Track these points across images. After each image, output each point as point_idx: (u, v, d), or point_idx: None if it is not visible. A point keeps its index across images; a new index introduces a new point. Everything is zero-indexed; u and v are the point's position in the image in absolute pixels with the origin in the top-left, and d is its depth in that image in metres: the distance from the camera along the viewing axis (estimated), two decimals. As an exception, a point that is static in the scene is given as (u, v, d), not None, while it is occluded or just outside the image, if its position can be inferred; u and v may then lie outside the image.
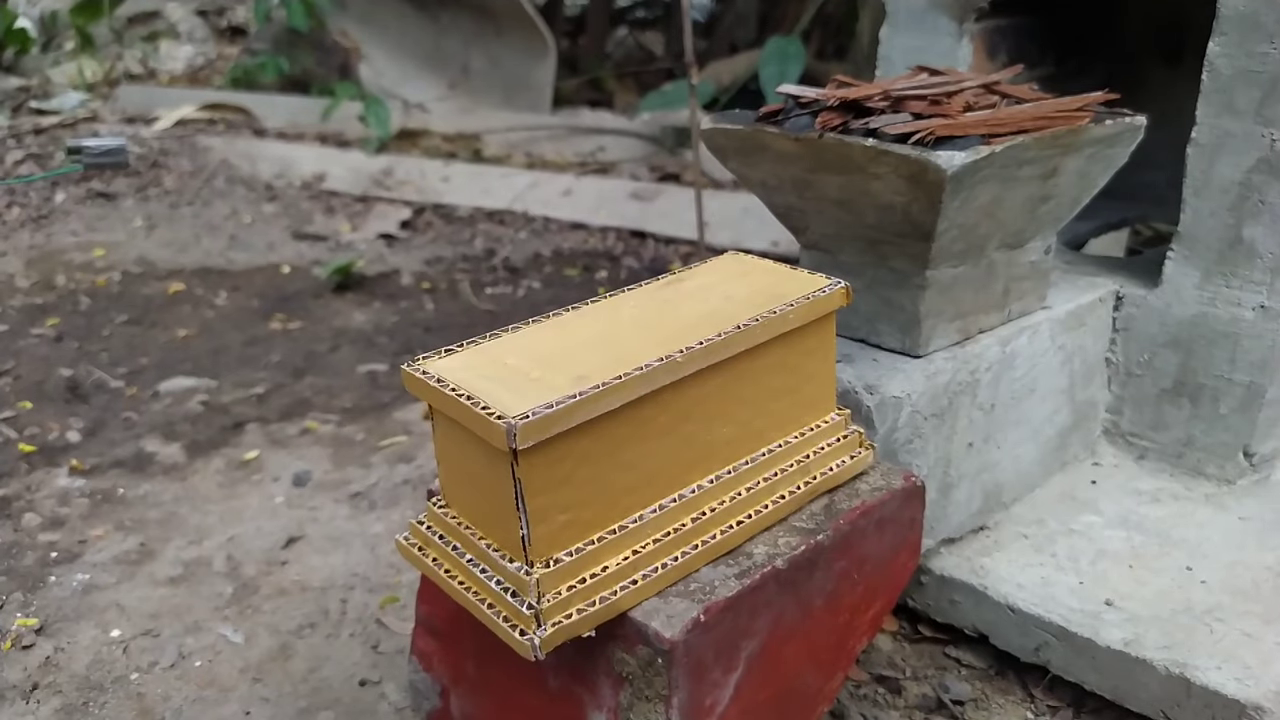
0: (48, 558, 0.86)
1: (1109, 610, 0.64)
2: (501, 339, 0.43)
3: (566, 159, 2.32)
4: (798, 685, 0.48)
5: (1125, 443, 0.82)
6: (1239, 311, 0.74)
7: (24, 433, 1.08)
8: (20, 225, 1.85)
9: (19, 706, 0.68)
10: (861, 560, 0.49)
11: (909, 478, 0.51)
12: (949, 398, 0.64)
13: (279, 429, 1.10)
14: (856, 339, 0.67)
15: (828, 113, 0.60)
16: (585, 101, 2.80)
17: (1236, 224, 0.72)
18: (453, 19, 2.82)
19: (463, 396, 0.36)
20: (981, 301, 0.67)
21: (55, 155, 2.21)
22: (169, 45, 3.11)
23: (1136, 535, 0.72)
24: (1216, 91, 0.71)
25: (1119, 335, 0.80)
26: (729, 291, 0.47)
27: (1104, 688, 0.62)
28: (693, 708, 0.41)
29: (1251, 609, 0.63)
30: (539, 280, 1.66)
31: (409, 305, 1.53)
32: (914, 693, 0.67)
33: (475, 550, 0.40)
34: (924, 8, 0.87)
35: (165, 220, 1.92)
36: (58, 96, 2.70)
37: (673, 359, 0.40)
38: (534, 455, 0.36)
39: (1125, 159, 0.67)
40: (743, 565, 0.43)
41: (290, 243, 1.83)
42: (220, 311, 1.49)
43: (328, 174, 2.17)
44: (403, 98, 2.72)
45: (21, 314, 1.45)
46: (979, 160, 0.55)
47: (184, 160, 2.19)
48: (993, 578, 0.67)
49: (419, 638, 0.53)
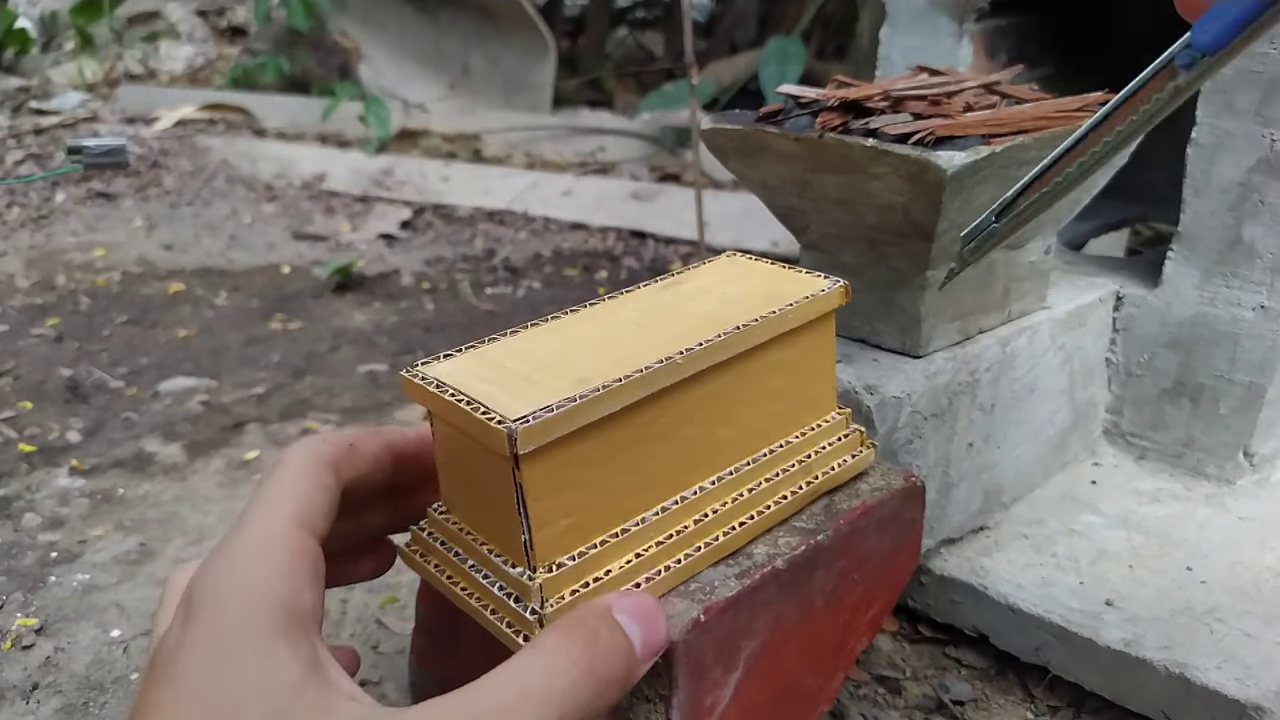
0: (48, 558, 0.86)
1: (1109, 610, 0.64)
2: (500, 342, 0.43)
3: (566, 159, 2.32)
4: (798, 685, 0.48)
5: (1125, 443, 0.82)
6: (1239, 311, 0.74)
7: (24, 433, 1.08)
8: (20, 225, 1.85)
9: (19, 706, 0.68)
10: (862, 560, 0.49)
11: (909, 478, 0.51)
12: (949, 398, 0.64)
13: (279, 429, 1.10)
14: (856, 339, 0.67)
15: (828, 113, 0.60)
16: (585, 101, 2.80)
17: (1236, 224, 0.72)
18: (453, 19, 2.82)
19: (461, 401, 0.36)
20: (981, 302, 0.67)
21: (55, 155, 2.21)
22: (169, 45, 3.11)
23: (1136, 535, 0.72)
24: (1216, 91, 0.71)
25: (1119, 335, 0.80)
26: (729, 292, 0.47)
27: (1104, 688, 0.62)
28: (693, 708, 0.41)
29: (1251, 609, 0.63)
30: (539, 280, 1.65)
31: (409, 305, 1.53)
32: (914, 693, 0.67)
33: (477, 556, 0.40)
34: (924, 8, 0.86)
35: (165, 220, 1.92)
36: (58, 96, 2.70)
37: (673, 361, 0.40)
38: (534, 459, 0.36)
39: (1125, 159, 0.67)
40: (742, 565, 0.43)
41: (290, 243, 1.83)
42: (220, 311, 1.49)
43: (328, 174, 2.17)
44: (403, 98, 2.73)
45: (21, 314, 1.45)
46: (979, 160, 0.55)
47: (184, 160, 2.19)
48: (993, 578, 0.67)
49: (419, 638, 0.53)
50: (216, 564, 0.32)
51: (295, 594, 0.31)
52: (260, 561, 0.32)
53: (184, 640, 0.30)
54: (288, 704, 0.28)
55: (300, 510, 0.35)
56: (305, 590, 0.32)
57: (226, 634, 0.29)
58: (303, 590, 0.32)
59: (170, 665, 0.29)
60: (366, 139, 2.32)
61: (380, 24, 2.86)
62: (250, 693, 0.28)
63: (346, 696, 0.30)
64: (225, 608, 0.30)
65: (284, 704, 0.28)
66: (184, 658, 0.29)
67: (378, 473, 0.41)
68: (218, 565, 0.32)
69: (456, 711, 0.30)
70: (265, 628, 0.30)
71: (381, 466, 0.41)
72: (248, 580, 0.31)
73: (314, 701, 0.29)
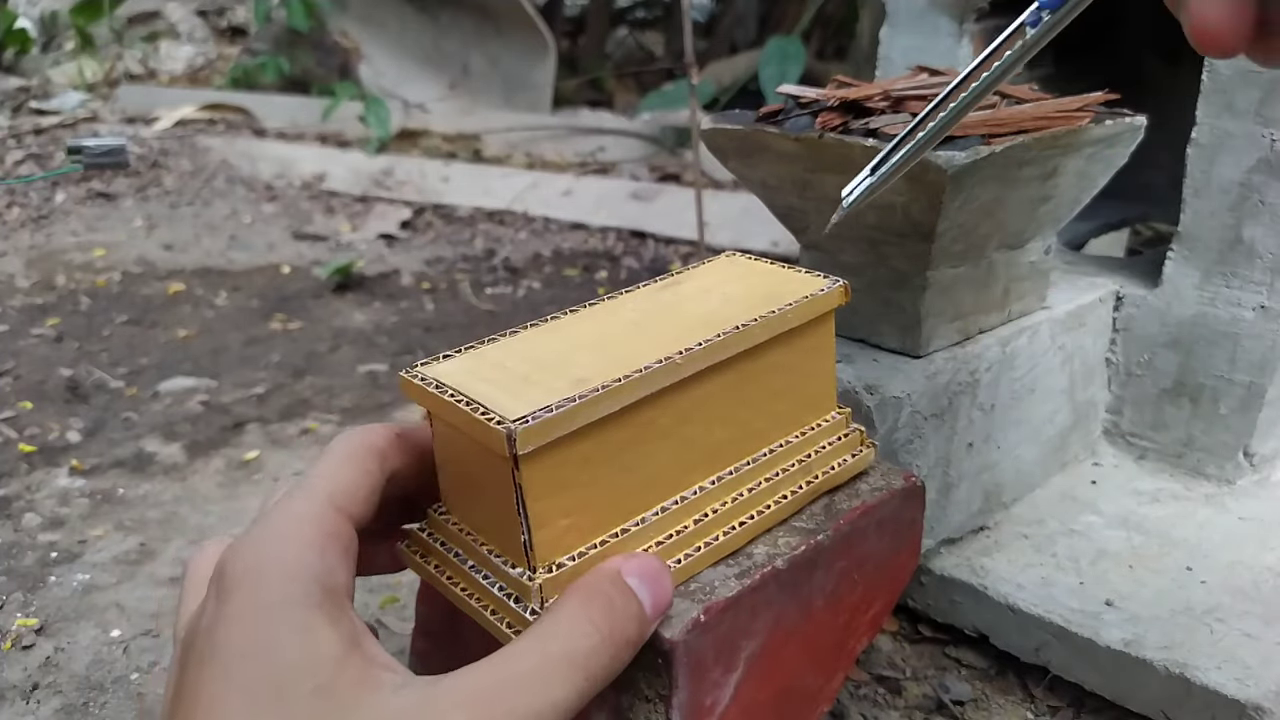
0: (48, 558, 0.86)
1: (1109, 610, 0.64)
2: (499, 342, 0.43)
3: (566, 159, 2.32)
4: (798, 685, 0.47)
5: (1125, 443, 0.82)
6: (1239, 311, 0.74)
7: (24, 433, 1.08)
8: (20, 225, 1.85)
9: (19, 706, 0.68)
10: (862, 560, 0.49)
11: (909, 478, 0.51)
12: (949, 398, 0.64)
13: (279, 429, 1.10)
14: (856, 339, 0.67)
15: (828, 113, 0.60)
16: (585, 101, 2.80)
17: (1236, 224, 0.72)
18: (453, 19, 2.82)
19: (461, 401, 0.36)
20: (981, 302, 0.67)
21: (55, 155, 2.21)
22: (169, 45, 3.11)
23: (1136, 535, 0.72)
24: (1216, 91, 0.71)
25: (1119, 335, 0.80)
26: (728, 292, 0.47)
27: (1104, 688, 0.62)
28: (693, 708, 0.41)
29: (1251, 609, 0.63)
30: (539, 280, 1.65)
31: (409, 305, 1.53)
32: (914, 693, 0.66)
33: (477, 556, 0.40)
34: (924, 8, 0.86)
35: (165, 220, 1.92)
36: (58, 96, 2.71)
37: (672, 361, 0.40)
38: (534, 459, 0.36)
39: (1125, 159, 0.67)
40: (742, 565, 0.43)
41: (290, 243, 1.83)
42: (220, 311, 1.49)
43: (328, 174, 2.17)
44: (403, 98, 2.73)
45: (21, 314, 1.45)
46: (979, 160, 0.55)
47: (184, 160, 2.19)
48: (993, 578, 0.67)
49: (418, 638, 0.53)
50: (250, 543, 0.32)
51: (329, 571, 0.31)
52: (293, 540, 0.32)
53: (220, 619, 0.30)
54: (331, 678, 0.28)
55: (337, 493, 0.35)
56: (339, 568, 0.32)
57: (265, 612, 0.29)
58: (336, 568, 0.32)
59: (209, 646, 0.29)
60: (366, 139, 2.32)
61: (380, 24, 2.86)
62: (294, 669, 0.28)
63: (386, 668, 0.30)
64: (262, 586, 0.30)
65: (328, 678, 0.28)
66: (223, 637, 0.29)
67: (427, 464, 0.41)
68: (251, 544, 0.32)
69: (488, 678, 0.30)
70: (304, 604, 0.30)
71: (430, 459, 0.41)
72: (282, 558, 0.31)
73: (357, 674, 0.29)
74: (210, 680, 0.28)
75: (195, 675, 0.29)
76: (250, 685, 0.28)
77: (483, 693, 0.30)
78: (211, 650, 0.29)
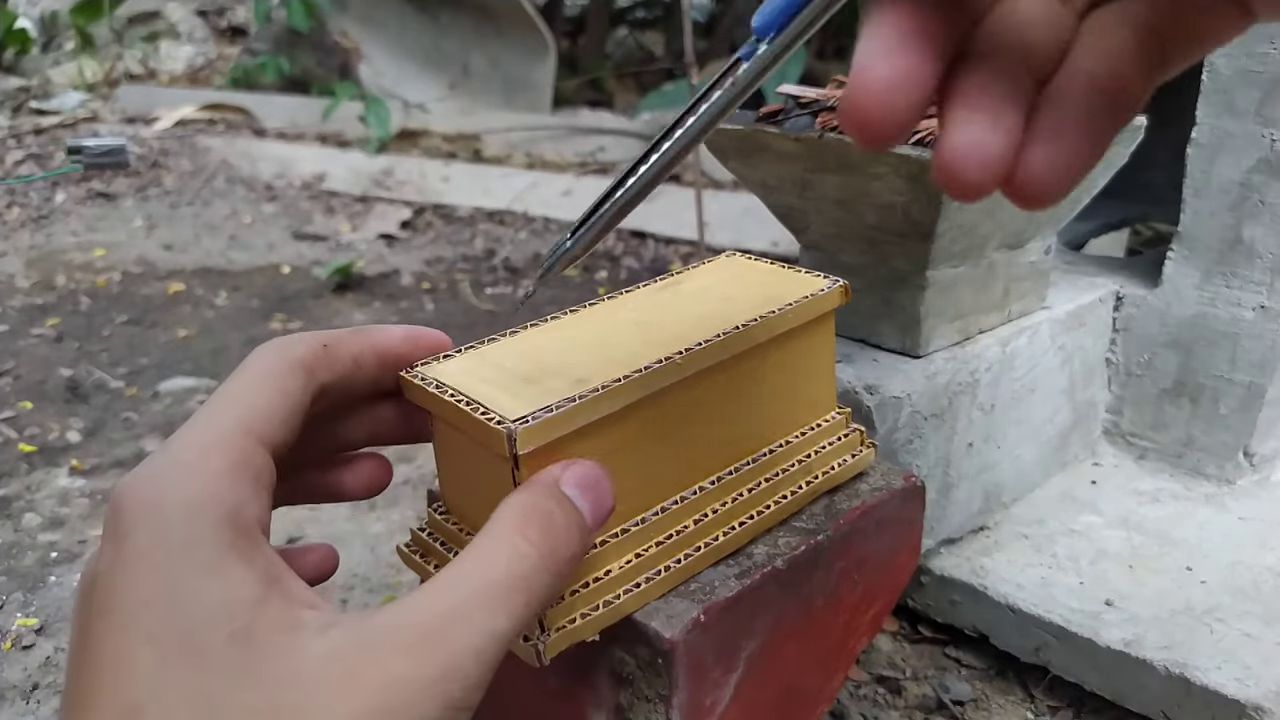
0: (48, 558, 0.86)
1: (1109, 610, 0.64)
2: (499, 342, 0.43)
3: (566, 159, 2.32)
4: (798, 685, 0.48)
5: (1125, 443, 0.82)
6: (1239, 311, 0.74)
7: (24, 433, 1.08)
8: (20, 225, 1.85)
9: (19, 706, 0.68)
10: (862, 560, 0.49)
11: (909, 478, 0.51)
12: (949, 398, 0.64)
13: (279, 429, 1.10)
14: (856, 339, 0.67)
15: (828, 113, 0.60)
16: (585, 101, 2.80)
17: (1236, 224, 0.72)
18: (453, 19, 2.82)
19: (461, 402, 0.36)
20: (981, 302, 0.67)
21: (55, 155, 2.21)
22: (169, 45, 3.11)
23: (1136, 535, 0.72)
24: (1216, 91, 0.71)
25: (1119, 335, 0.80)
26: (728, 292, 0.47)
27: (1104, 688, 0.62)
28: (693, 708, 0.41)
29: (1251, 609, 0.63)
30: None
31: (409, 305, 1.53)
32: (914, 693, 0.66)
33: (476, 554, 0.40)
34: (924, 8, 0.86)
35: (165, 220, 1.92)
36: (58, 96, 2.71)
37: (673, 361, 0.40)
38: (534, 459, 0.36)
39: (1125, 159, 0.67)
40: (742, 565, 0.43)
41: (290, 243, 1.83)
42: (220, 311, 1.49)
43: (328, 174, 2.17)
44: (403, 98, 2.73)
45: (21, 314, 1.45)
46: (979, 161, 0.55)
47: (184, 160, 2.19)
48: (993, 578, 0.67)
49: (419, 639, 0.53)
50: (147, 476, 0.28)
51: (240, 504, 0.28)
52: (196, 471, 0.28)
53: (120, 564, 0.26)
54: (249, 623, 0.26)
55: (248, 416, 0.31)
56: (249, 500, 0.29)
57: (169, 553, 0.26)
58: (247, 500, 0.29)
59: (110, 594, 0.26)
60: (366, 139, 2.32)
61: (380, 24, 2.86)
62: (208, 616, 0.25)
63: (310, 606, 0.28)
64: (163, 524, 0.27)
65: (245, 623, 0.26)
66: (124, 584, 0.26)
67: (359, 376, 0.36)
68: (149, 478, 0.28)
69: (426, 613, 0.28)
70: (212, 542, 0.27)
71: (364, 369, 0.37)
72: (185, 492, 0.27)
73: (278, 616, 0.26)
74: (113, 632, 0.26)
75: (98, 627, 0.26)
76: (158, 636, 0.25)
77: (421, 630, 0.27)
78: (113, 599, 0.26)
